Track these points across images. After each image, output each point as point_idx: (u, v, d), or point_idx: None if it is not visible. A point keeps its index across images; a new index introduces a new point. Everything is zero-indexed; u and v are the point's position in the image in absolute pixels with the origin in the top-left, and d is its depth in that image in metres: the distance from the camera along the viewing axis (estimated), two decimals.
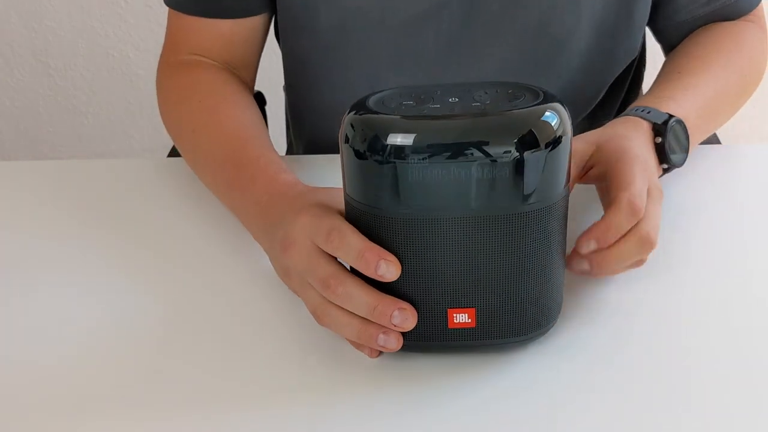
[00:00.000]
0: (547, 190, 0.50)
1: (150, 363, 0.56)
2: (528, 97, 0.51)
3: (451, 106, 0.50)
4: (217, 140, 0.72)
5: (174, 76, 0.81)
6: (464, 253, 0.50)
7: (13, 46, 1.92)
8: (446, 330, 0.53)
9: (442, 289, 0.52)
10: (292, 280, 0.56)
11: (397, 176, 0.49)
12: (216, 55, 0.82)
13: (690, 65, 0.79)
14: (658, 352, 0.56)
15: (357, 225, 0.52)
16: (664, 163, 0.67)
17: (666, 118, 0.67)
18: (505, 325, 0.53)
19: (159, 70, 0.83)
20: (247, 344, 0.58)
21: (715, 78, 0.78)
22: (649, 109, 0.69)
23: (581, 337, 0.56)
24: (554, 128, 0.49)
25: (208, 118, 0.74)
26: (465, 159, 0.48)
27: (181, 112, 0.78)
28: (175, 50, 0.83)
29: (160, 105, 0.81)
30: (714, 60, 0.80)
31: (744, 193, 0.75)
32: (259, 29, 0.84)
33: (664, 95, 0.73)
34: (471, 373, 0.54)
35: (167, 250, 0.69)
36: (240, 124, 0.74)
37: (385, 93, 0.53)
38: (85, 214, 0.75)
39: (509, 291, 0.52)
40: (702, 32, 0.84)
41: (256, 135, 0.72)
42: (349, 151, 0.50)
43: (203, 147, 0.73)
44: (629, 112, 0.70)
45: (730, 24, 0.85)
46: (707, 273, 0.63)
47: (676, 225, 0.68)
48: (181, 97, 0.79)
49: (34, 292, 0.64)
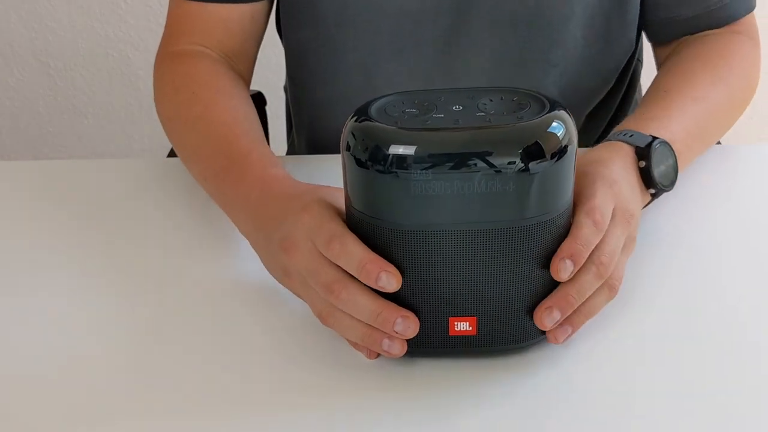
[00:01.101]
0: (552, 202, 0.50)
1: (149, 363, 0.56)
2: (533, 106, 0.50)
3: (455, 116, 0.49)
4: (208, 133, 0.71)
5: (171, 65, 0.81)
6: (466, 265, 0.50)
7: (13, 46, 1.92)
8: (447, 337, 0.53)
9: (443, 299, 0.51)
10: (293, 281, 0.56)
11: (399, 187, 0.48)
12: (215, 42, 0.82)
13: (676, 83, 0.77)
14: (660, 357, 0.55)
15: (358, 233, 0.51)
16: (651, 188, 0.64)
17: (649, 141, 0.64)
18: (506, 332, 0.53)
19: (156, 60, 0.83)
20: (246, 345, 0.58)
21: (703, 96, 0.75)
22: (632, 133, 0.66)
23: (581, 341, 0.56)
24: (560, 138, 0.48)
25: (201, 110, 0.74)
26: (468, 170, 0.47)
27: (175, 102, 0.77)
28: (174, 39, 0.83)
29: (155, 95, 0.81)
30: (700, 77, 0.77)
31: (744, 193, 0.74)
32: (259, 17, 0.83)
33: (648, 116, 0.70)
34: (470, 377, 0.53)
35: (167, 250, 0.69)
36: (233, 118, 0.73)
37: (388, 99, 0.52)
38: (85, 214, 0.74)
39: (511, 300, 0.52)
40: (689, 46, 0.82)
41: (248, 129, 0.72)
42: (351, 159, 0.49)
43: (195, 138, 0.72)
44: (612, 136, 0.67)
45: (718, 37, 0.83)
46: (707, 273, 0.63)
47: (676, 225, 0.68)
48: (176, 88, 0.78)
49: (34, 291, 0.64)
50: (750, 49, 0.83)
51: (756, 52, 0.84)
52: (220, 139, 0.70)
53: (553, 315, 0.52)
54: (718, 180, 0.76)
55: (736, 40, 0.83)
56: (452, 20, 0.80)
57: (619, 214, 0.56)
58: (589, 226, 0.53)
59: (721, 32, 0.83)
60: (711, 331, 0.57)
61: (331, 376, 0.54)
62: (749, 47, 0.83)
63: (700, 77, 0.77)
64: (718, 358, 0.55)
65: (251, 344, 0.58)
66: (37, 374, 0.56)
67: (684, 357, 0.55)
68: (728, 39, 0.82)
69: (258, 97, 1.03)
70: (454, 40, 0.81)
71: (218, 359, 0.56)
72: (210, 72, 0.79)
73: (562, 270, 0.51)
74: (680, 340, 0.57)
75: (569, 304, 0.52)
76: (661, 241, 0.61)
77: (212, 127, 0.71)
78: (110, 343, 0.58)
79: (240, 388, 0.54)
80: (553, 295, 0.53)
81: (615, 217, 0.55)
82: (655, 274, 0.62)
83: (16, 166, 0.86)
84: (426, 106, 0.50)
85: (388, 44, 0.82)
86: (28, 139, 2.04)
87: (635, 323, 0.58)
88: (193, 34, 0.82)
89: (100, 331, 0.59)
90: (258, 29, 0.85)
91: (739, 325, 0.58)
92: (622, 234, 0.56)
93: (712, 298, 0.60)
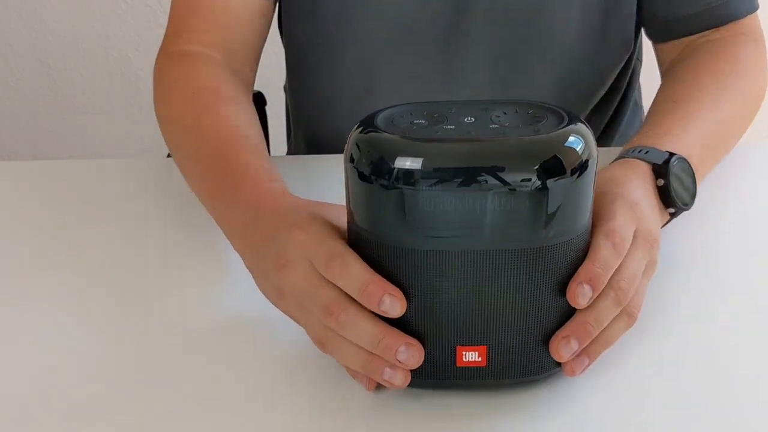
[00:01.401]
0: (570, 222, 0.46)
1: (148, 363, 0.56)
2: (550, 119, 0.47)
3: (467, 128, 0.46)
4: (206, 140, 0.68)
5: (172, 67, 0.79)
6: (476, 288, 0.46)
7: (13, 46, 1.92)
8: (454, 368, 0.49)
9: (451, 326, 0.47)
10: (289, 303, 0.52)
11: (405, 203, 0.44)
12: (219, 40, 0.80)
13: (685, 93, 0.73)
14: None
15: (360, 252, 0.47)
16: (670, 207, 0.62)
17: (666, 158, 0.61)
18: (518, 363, 0.49)
19: (158, 60, 0.81)
20: (244, 346, 0.58)
21: (714, 104, 0.72)
22: (647, 149, 0.63)
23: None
24: (579, 153, 0.44)
25: (201, 115, 0.71)
26: (479, 187, 0.43)
27: (174, 105, 0.75)
28: (177, 38, 0.81)
29: (154, 95, 0.79)
30: (710, 85, 0.74)
31: (744, 193, 0.74)
32: (264, 14, 0.82)
33: (661, 131, 0.67)
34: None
35: (167, 250, 0.69)
36: (233, 126, 0.69)
37: (395, 110, 0.48)
38: (85, 214, 0.74)
39: (523, 328, 0.48)
40: (694, 54, 0.80)
41: (247, 140, 0.68)
42: (354, 172, 0.46)
43: (192, 145, 0.69)
44: (626, 153, 0.64)
45: (722, 42, 0.81)
46: (708, 274, 0.63)
47: (676, 225, 0.68)
48: (176, 89, 0.76)
49: (33, 291, 0.64)
50: (754, 51, 0.81)
51: (761, 54, 0.82)
52: (217, 149, 0.66)
53: (570, 345, 0.48)
54: (718, 180, 0.75)
55: (740, 44, 0.81)
56: (451, 19, 0.81)
57: (640, 237, 0.53)
58: (608, 248, 0.49)
59: (724, 36, 0.82)
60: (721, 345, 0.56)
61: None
62: (754, 50, 0.81)
63: (711, 87, 0.74)
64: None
65: (247, 349, 0.57)
66: (36, 374, 0.55)
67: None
68: (732, 43, 0.81)
69: (258, 97, 1.03)
70: (453, 38, 0.82)
71: (219, 359, 0.56)
72: (212, 76, 0.77)
73: (580, 295, 0.47)
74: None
75: (587, 333, 0.48)
76: (673, 254, 0.58)
77: (210, 135, 0.68)
78: (110, 343, 0.58)
79: (240, 390, 0.54)
80: (569, 324, 0.49)
81: (636, 240, 0.52)
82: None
83: (16, 166, 0.86)
84: (436, 118, 0.47)
85: (387, 43, 0.83)
86: (28, 139, 2.04)
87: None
88: (197, 31, 0.80)
89: (100, 331, 0.59)
90: (262, 27, 0.83)
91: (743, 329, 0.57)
92: (643, 258, 0.52)
93: (714, 302, 0.60)
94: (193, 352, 0.57)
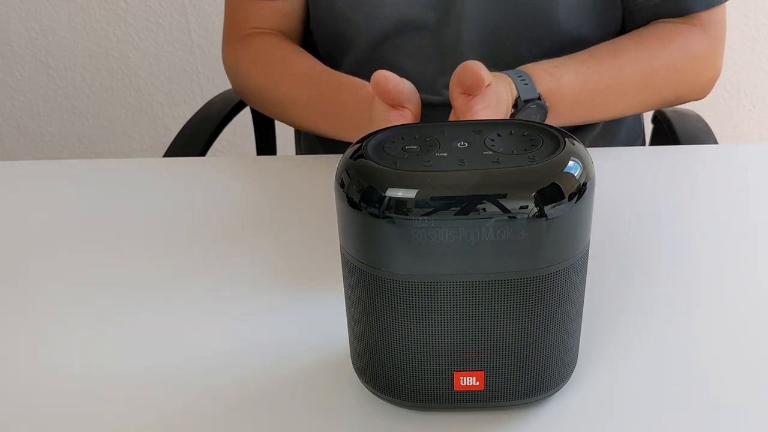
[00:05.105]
0: (568, 249, 0.45)
1: (149, 363, 0.56)
2: (546, 143, 0.46)
3: (460, 155, 0.45)
4: (299, 84, 0.85)
5: (241, 47, 0.93)
6: (472, 318, 0.46)
7: (13, 46, 1.93)
8: (452, 392, 0.48)
9: (447, 354, 0.47)
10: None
11: (397, 234, 0.43)
12: (274, 27, 0.95)
13: (602, 51, 0.82)
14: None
15: (352, 283, 0.47)
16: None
17: (532, 96, 0.72)
18: (515, 387, 0.48)
19: (224, 48, 0.96)
20: (243, 346, 0.58)
21: (617, 68, 0.81)
22: (527, 81, 0.73)
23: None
24: (577, 178, 0.44)
25: (285, 70, 0.88)
26: (477, 215, 0.42)
27: (257, 73, 0.90)
28: (237, 28, 0.95)
29: (233, 76, 0.94)
30: (625, 52, 0.82)
31: (744, 193, 0.75)
32: (303, 7, 0.96)
33: (557, 72, 0.78)
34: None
35: (167, 249, 0.69)
36: (312, 67, 0.86)
37: (386, 134, 0.48)
38: (85, 214, 0.75)
39: (522, 354, 0.47)
40: (640, 29, 0.87)
41: (326, 70, 0.85)
42: (344, 200, 0.45)
43: (289, 93, 0.86)
44: (513, 73, 0.74)
45: (669, 23, 0.86)
46: (708, 274, 0.63)
47: (676, 226, 0.68)
48: (253, 61, 0.91)
49: (33, 291, 0.64)
50: (700, 42, 0.85)
51: (710, 47, 0.85)
52: (311, 87, 0.84)
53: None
54: (717, 180, 0.76)
55: (683, 30, 0.85)
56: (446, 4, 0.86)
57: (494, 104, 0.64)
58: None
59: (673, 21, 0.86)
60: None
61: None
62: (698, 39, 0.85)
63: (625, 53, 0.82)
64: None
65: (245, 348, 0.57)
66: (36, 374, 0.56)
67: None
68: (677, 27, 0.85)
69: None
70: (444, 19, 0.87)
71: (220, 359, 0.56)
72: (276, 42, 0.92)
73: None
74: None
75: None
76: (663, 245, 0.59)
77: (300, 80, 0.86)
78: (110, 343, 0.58)
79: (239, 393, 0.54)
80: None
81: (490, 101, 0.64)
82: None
83: (16, 166, 0.86)
84: (428, 142, 0.46)
85: (391, 35, 0.88)
86: (28, 139, 2.05)
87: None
88: (255, 22, 0.94)
89: (100, 331, 0.59)
90: (303, 16, 0.96)
91: (744, 329, 0.57)
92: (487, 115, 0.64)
93: (714, 304, 0.60)
94: (193, 351, 0.57)
